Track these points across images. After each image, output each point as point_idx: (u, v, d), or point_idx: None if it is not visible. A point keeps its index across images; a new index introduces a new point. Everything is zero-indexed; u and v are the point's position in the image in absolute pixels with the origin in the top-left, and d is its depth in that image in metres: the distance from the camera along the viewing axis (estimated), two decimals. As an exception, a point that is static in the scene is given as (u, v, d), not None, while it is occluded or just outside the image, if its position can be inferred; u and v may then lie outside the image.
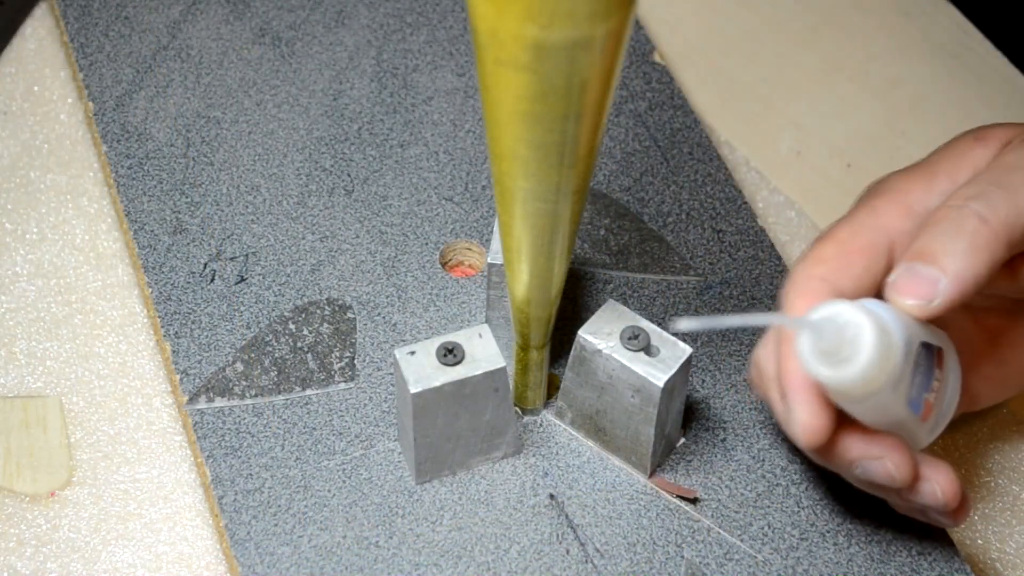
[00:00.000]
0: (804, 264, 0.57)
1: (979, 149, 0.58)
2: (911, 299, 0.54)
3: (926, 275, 0.54)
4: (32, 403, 0.67)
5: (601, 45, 0.48)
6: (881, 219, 0.57)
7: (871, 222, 0.57)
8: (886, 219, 0.57)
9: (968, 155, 0.58)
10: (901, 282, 0.54)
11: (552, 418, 0.66)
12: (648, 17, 0.83)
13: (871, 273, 0.56)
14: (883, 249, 0.57)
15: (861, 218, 0.58)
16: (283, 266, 0.70)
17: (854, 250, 0.56)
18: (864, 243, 0.57)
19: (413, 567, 0.61)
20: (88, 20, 0.78)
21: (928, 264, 0.54)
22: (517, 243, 0.56)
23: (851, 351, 0.51)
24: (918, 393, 0.55)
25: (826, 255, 0.57)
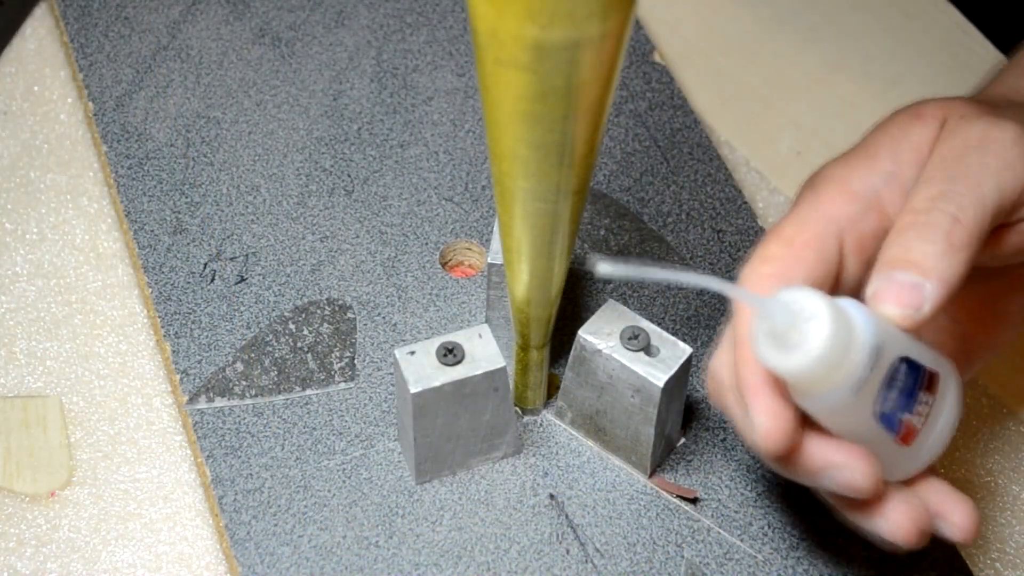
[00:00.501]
0: (751, 265, 0.55)
1: (918, 127, 0.57)
2: (897, 308, 0.52)
3: (908, 281, 0.52)
4: (32, 403, 0.67)
5: (601, 45, 0.48)
6: (825, 208, 0.55)
7: (815, 213, 0.55)
8: (830, 207, 0.55)
9: (907, 134, 0.57)
10: (883, 292, 0.52)
11: (552, 418, 0.66)
12: (648, 17, 0.83)
13: (823, 264, 0.54)
14: (832, 238, 0.55)
15: (804, 211, 0.56)
16: (283, 266, 0.70)
17: (801, 243, 0.54)
18: (811, 235, 0.55)
19: (413, 567, 0.61)
20: (88, 20, 0.78)
21: (907, 270, 0.52)
22: (517, 243, 0.56)
23: (801, 337, 0.49)
24: (892, 410, 0.53)
25: (772, 253, 0.55)
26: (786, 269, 0.54)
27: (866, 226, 0.56)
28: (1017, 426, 0.69)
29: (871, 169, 0.56)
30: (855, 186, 0.56)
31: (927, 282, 0.52)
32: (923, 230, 0.53)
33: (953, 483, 0.67)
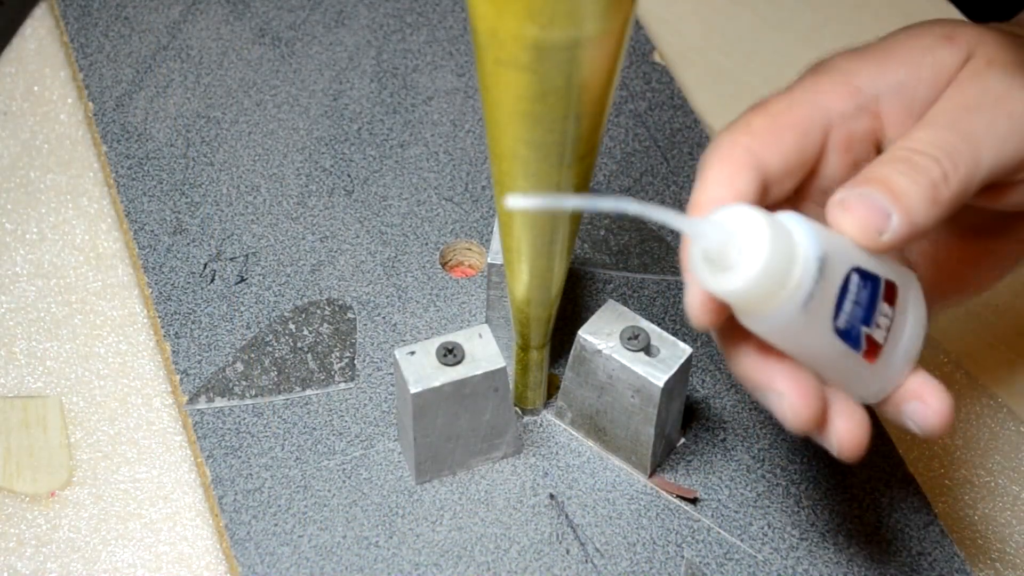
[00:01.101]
0: (729, 131, 0.52)
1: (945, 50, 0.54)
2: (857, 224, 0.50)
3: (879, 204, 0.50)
4: (32, 403, 0.67)
5: (601, 45, 0.48)
6: (821, 96, 0.53)
7: (809, 97, 0.53)
8: (827, 97, 0.53)
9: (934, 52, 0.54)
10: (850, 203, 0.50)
11: (552, 418, 0.66)
12: (648, 17, 0.83)
13: (801, 150, 0.52)
14: (818, 127, 0.53)
15: (799, 92, 0.53)
16: (283, 266, 0.70)
17: (786, 123, 0.52)
18: (798, 117, 0.52)
19: (413, 567, 0.61)
20: (88, 20, 0.78)
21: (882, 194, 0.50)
22: (517, 243, 0.56)
23: (738, 256, 0.46)
24: (851, 323, 0.50)
25: (754, 125, 0.52)
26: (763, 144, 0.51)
27: (858, 126, 0.54)
28: (1017, 426, 0.69)
29: (882, 72, 0.54)
30: (859, 82, 0.54)
31: (896, 214, 0.50)
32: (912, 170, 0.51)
33: (953, 483, 0.67)
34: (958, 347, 0.71)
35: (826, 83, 0.54)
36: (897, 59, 0.55)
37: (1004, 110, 0.53)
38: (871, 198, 0.50)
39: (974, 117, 0.52)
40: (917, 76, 0.54)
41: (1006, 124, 0.52)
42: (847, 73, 0.54)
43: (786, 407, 0.50)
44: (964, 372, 0.70)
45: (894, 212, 0.50)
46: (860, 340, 0.51)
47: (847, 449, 0.52)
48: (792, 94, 0.53)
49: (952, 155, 0.52)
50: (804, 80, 0.54)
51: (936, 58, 0.54)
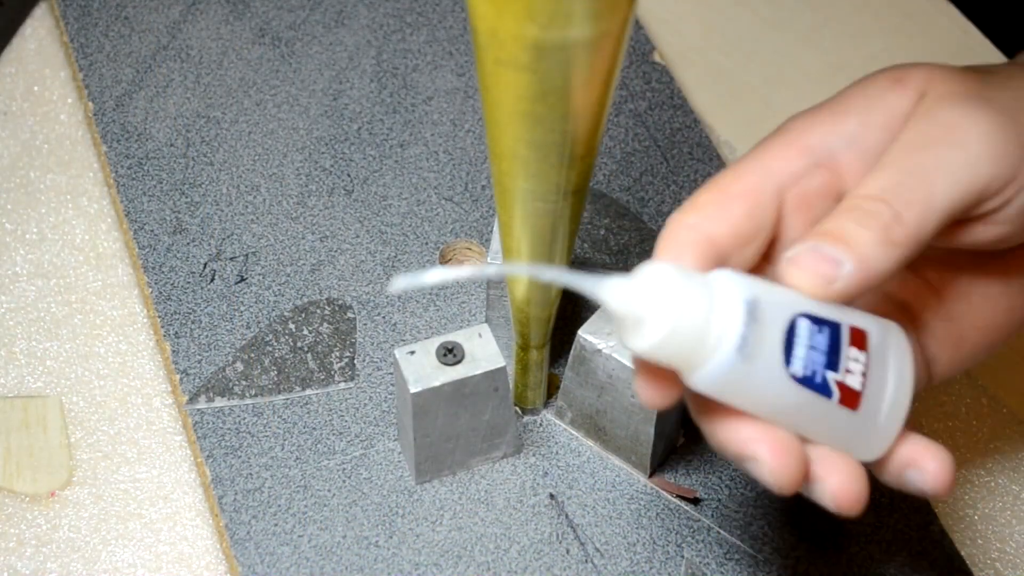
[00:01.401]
0: (678, 210, 0.51)
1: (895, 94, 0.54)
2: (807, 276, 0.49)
3: (829, 254, 0.49)
4: (32, 403, 0.67)
5: (601, 45, 0.48)
6: (771, 160, 0.52)
7: (757, 165, 0.52)
8: (776, 160, 0.52)
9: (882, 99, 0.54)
10: (800, 257, 0.50)
11: (552, 418, 0.66)
12: (648, 17, 0.83)
13: (753, 219, 0.51)
14: (769, 193, 0.52)
15: (748, 161, 0.53)
16: (283, 266, 0.70)
17: (734, 194, 0.51)
18: (746, 187, 0.51)
19: (413, 567, 0.61)
20: (88, 20, 0.78)
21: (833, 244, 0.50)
22: (517, 243, 0.56)
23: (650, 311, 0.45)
24: (809, 369, 0.48)
25: (701, 201, 0.51)
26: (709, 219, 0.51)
27: (812, 184, 0.53)
28: (1017, 426, 0.69)
29: (834, 127, 0.53)
30: (811, 141, 0.53)
31: (848, 261, 0.49)
32: (863, 216, 0.50)
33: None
34: (958, 347, 0.71)
35: (776, 147, 0.53)
36: (848, 111, 0.54)
37: (954, 141, 0.52)
38: (820, 250, 0.50)
39: (924, 153, 0.52)
40: (868, 124, 0.53)
41: (959, 155, 0.51)
42: (798, 133, 0.53)
43: (766, 473, 0.49)
44: (964, 372, 0.70)
45: (846, 260, 0.50)
46: (829, 386, 0.49)
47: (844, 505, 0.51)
48: (741, 163, 0.53)
49: (902, 194, 0.51)
50: (755, 148, 0.54)
51: (887, 104, 0.54)
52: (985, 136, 0.52)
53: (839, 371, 0.49)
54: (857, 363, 0.50)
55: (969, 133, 0.52)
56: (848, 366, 0.49)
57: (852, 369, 0.50)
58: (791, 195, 0.53)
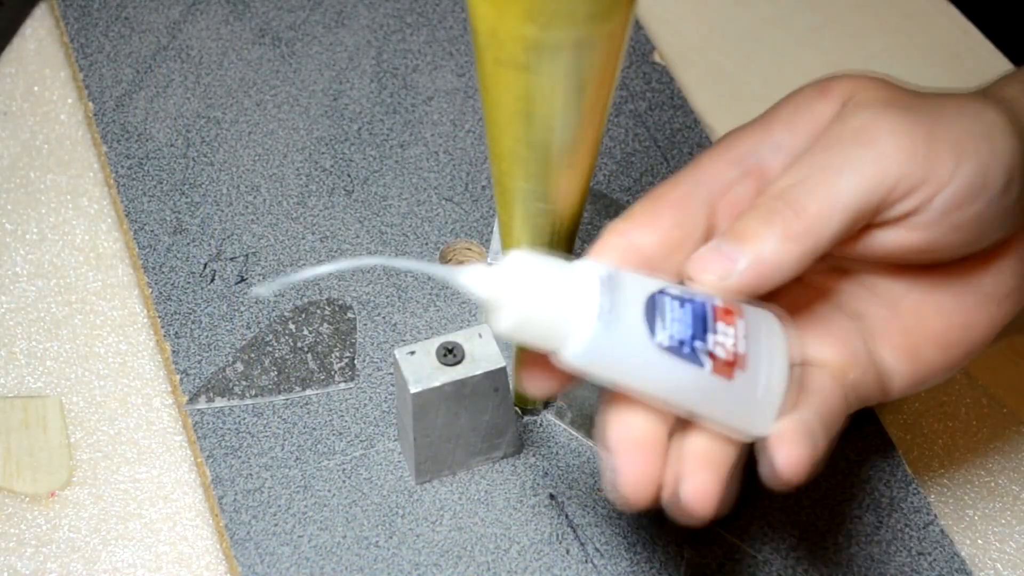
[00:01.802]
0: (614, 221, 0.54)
1: (820, 103, 0.55)
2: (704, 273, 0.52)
3: (726, 252, 0.52)
4: (32, 403, 0.67)
5: (601, 45, 0.48)
6: (701, 172, 0.55)
7: (689, 176, 0.55)
8: (706, 172, 0.55)
9: (808, 107, 0.55)
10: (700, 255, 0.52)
11: (552, 418, 0.66)
12: (648, 17, 0.83)
13: (681, 228, 0.53)
14: (699, 202, 0.54)
15: (682, 173, 0.55)
16: (283, 266, 0.70)
17: (664, 204, 0.53)
18: (678, 195, 0.54)
19: (413, 567, 0.61)
20: (88, 20, 0.78)
21: (733, 243, 0.52)
22: (517, 243, 0.56)
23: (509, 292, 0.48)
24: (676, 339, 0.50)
25: (634, 211, 0.54)
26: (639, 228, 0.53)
27: (742, 192, 0.55)
28: (1017, 426, 0.69)
29: (762, 138, 0.55)
30: (741, 153, 0.55)
31: (743, 257, 0.51)
32: (764, 213, 0.52)
33: (953, 483, 0.67)
34: (958, 347, 0.71)
35: (707, 159, 0.55)
36: (776, 122, 0.56)
37: (863, 140, 0.53)
38: (719, 249, 0.52)
39: (832, 151, 0.53)
40: (794, 131, 0.55)
41: (866, 152, 0.52)
42: (728, 145, 0.56)
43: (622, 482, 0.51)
44: (964, 372, 0.70)
45: (741, 256, 0.51)
46: (698, 355, 0.50)
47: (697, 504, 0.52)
48: (676, 176, 0.55)
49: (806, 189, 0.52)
50: (691, 161, 0.56)
51: (812, 111, 0.55)
52: (893, 136, 0.53)
53: (708, 342, 0.51)
54: (727, 336, 0.52)
55: (879, 132, 0.53)
56: (717, 339, 0.51)
57: (722, 341, 0.51)
58: (722, 203, 0.55)
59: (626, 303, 0.49)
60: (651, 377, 0.50)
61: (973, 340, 0.58)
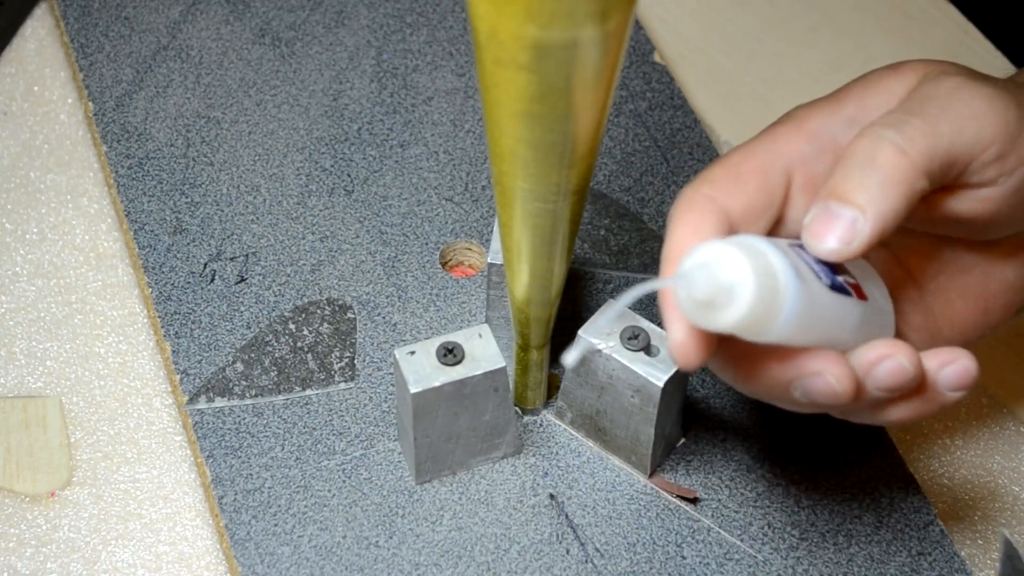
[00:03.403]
0: (691, 184, 0.53)
1: (892, 80, 0.55)
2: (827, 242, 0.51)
3: (842, 215, 0.51)
4: (32, 403, 0.67)
5: (601, 45, 0.48)
6: (779, 143, 0.54)
7: (766, 146, 0.54)
8: (782, 143, 0.54)
9: (880, 83, 0.56)
10: (816, 224, 0.51)
11: (552, 418, 0.66)
12: (648, 17, 0.83)
13: (764, 194, 0.53)
14: (778, 171, 0.54)
15: (756, 143, 0.55)
16: (283, 266, 0.70)
17: (746, 170, 0.53)
18: (756, 164, 0.54)
19: (413, 567, 0.61)
20: (88, 20, 0.78)
21: (843, 203, 0.51)
22: (517, 243, 0.56)
23: (729, 296, 0.48)
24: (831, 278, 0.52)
25: (714, 175, 0.53)
26: (724, 191, 0.53)
27: (818, 166, 0.54)
28: (1017, 426, 0.69)
29: (834, 113, 0.55)
30: (814, 127, 0.55)
31: (860, 216, 0.51)
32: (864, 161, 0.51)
33: (953, 483, 0.67)
34: (958, 347, 0.71)
35: (782, 131, 0.55)
36: (848, 99, 0.56)
37: (959, 98, 0.53)
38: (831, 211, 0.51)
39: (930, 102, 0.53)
40: (865, 106, 0.55)
41: (964, 107, 0.53)
42: (801, 119, 0.55)
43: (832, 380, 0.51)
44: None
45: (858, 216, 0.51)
46: (845, 287, 0.52)
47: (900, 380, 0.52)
48: (750, 144, 0.55)
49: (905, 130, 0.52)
50: (762, 133, 0.56)
51: (883, 86, 0.55)
52: (989, 102, 0.53)
53: (840, 276, 0.53)
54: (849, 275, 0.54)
55: (975, 96, 0.53)
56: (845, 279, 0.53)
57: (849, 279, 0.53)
58: (797, 176, 0.54)
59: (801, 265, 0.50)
60: (829, 319, 0.51)
61: (988, 324, 0.59)
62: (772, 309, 0.49)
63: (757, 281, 0.48)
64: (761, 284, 0.48)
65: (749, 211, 0.53)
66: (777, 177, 0.54)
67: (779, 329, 0.49)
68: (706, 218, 0.52)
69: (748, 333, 0.49)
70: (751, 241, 0.49)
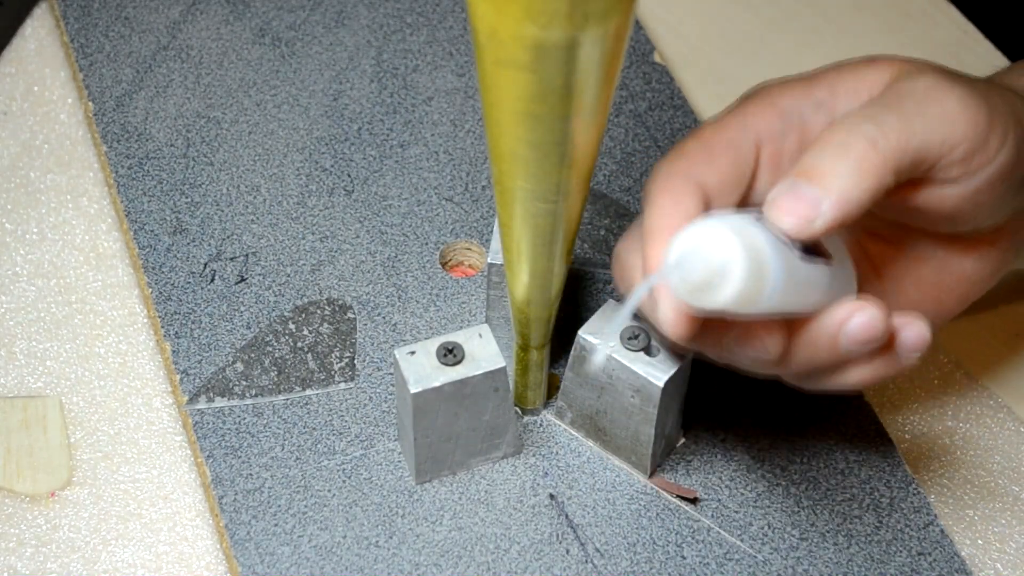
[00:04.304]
0: (665, 160, 0.54)
1: (868, 70, 0.56)
2: (790, 218, 0.51)
3: (808, 194, 0.51)
4: (32, 403, 0.67)
5: (601, 45, 0.48)
6: (749, 117, 0.55)
7: (738, 120, 0.55)
8: (753, 119, 0.55)
9: (854, 73, 0.56)
10: (781, 200, 0.52)
11: (552, 418, 0.66)
12: (648, 17, 0.83)
13: (736, 168, 0.54)
14: (749, 146, 0.55)
15: (728, 117, 0.55)
16: (283, 266, 0.70)
17: (718, 144, 0.54)
18: (728, 139, 0.54)
19: (413, 567, 0.61)
20: (88, 20, 0.78)
21: (812, 183, 0.51)
22: (517, 243, 0.56)
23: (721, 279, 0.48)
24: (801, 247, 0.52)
25: (688, 149, 0.54)
26: (698, 166, 0.53)
27: (786, 144, 0.55)
28: (1017, 426, 0.69)
29: (805, 95, 0.56)
30: (784, 106, 0.56)
31: (826, 198, 0.51)
32: (838, 148, 0.52)
33: (953, 483, 0.67)
34: (958, 347, 0.71)
35: (752, 107, 0.56)
36: (819, 82, 0.56)
37: (933, 98, 0.54)
38: (798, 190, 0.52)
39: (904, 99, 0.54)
40: (836, 92, 0.56)
41: (937, 107, 0.53)
42: (773, 96, 0.56)
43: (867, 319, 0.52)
44: (964, 372, 0.70)
45: (824, 198, 0.51)
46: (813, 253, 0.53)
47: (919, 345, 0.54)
48: (722, 120, 0.55)
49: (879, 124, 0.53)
50: (732, 107, 0.56)
51: (856, 75, 0.56)
52: (961, 102, 0.54)
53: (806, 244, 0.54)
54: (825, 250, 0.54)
55: (948, 97, 0.54)
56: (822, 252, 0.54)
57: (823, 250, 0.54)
58: (765, 151, 0.55)
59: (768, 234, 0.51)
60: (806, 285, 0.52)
61: (941, 314, 0.60)
62: (760, 283, 0.49)
63: (747, 258, 0.48)
64: (750, 260, 0.48)
65: (722, 185, 0.54)
66: (748, 151, 0.55)
67: (765, 302, 0.50)
68: (685, 193, 0.53)
69: (739, 308, 0.50)
70: (731, 218, 0.50)
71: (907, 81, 0.55)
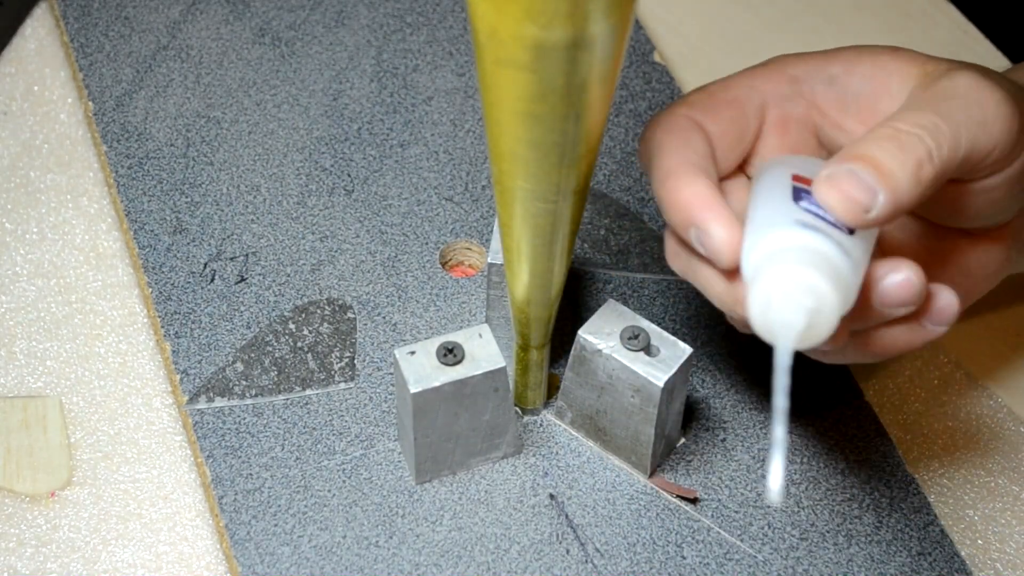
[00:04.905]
0: (668, 108, 0.54)
1: (887, 58, 0.56)
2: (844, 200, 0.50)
3: (866, 181, 0.51)
4: (32, 403, 0.67)
5: (601, 45, 0.48)
6: (756, 80, 0.56)
7: (745, 81, 0.55)
8: (761, 80, 0.56)
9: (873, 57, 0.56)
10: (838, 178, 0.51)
11: (552, 418, 0.66)
12: (648, 17, 0.83)
13: (737, 124, 0.54)
14: (754, 104, 0.55)
15: (735, 77, 0.56)
16: (283, 266, 0.70)
17: (723, 99, 0.55)
18: (734, 94, 0.55)
19: (413, 567, 0.61)
20: (88, 20, 0.78)
21: (871, 172, 0.51)
22: (517, 243, 0.56)
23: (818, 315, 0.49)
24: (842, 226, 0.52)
25: (692, 99, 0.54)
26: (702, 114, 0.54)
27: (793, 109, 0.55)
28: (1017, 426, 0.69)
29: (819, 68, 0.56)
30: (795, 72, 0.56)
31: (882, 192, 0.51)
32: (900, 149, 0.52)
33: (953, 483, 0.67)
34: (958, 347, 0.71)
35: (762, 71, 0.56)
36: (836, 58, 0.57)
37: (975, 100, 0.54)
38: (858, 175, 0.51)
39: (951, 103, 0.54)
40: (852, 72, 0.56)
41: (979, 112, 0.54)
42: (785, 64, 0.57)
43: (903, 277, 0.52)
44: (964, 372, 0.70)
45: (880, 191, 0.51)
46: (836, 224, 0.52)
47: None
48: (730, 78, 0.56)
49: (935, 134, 0.53)
50: (742, 71, 0.57)
51: (876, 59, 0.56)
52: (1000, 107, 0.54)
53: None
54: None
55: (988, 99, 0.54)
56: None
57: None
58: (771, 114, 0.56)
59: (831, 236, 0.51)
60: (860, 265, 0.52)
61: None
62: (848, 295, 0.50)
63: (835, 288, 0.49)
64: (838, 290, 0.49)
65: (723, 139, 0.54)
66: (752, 108, 0.55)
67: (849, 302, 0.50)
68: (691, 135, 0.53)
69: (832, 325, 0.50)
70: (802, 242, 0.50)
71: (947, 80, 0.55)
